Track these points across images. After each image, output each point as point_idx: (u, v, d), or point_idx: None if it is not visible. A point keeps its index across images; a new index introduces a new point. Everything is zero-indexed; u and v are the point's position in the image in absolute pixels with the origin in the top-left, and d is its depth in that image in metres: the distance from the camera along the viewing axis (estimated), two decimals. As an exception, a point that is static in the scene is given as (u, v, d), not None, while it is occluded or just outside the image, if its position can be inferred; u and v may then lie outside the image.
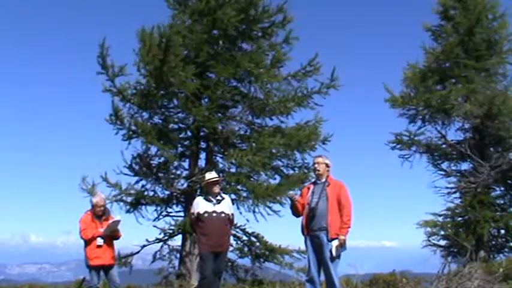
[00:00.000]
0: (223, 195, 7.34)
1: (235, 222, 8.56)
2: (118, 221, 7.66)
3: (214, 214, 7.03)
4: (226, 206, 7.19)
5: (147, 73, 11.69)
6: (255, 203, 12.18)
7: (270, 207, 12.23)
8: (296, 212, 6.69)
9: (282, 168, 13.01)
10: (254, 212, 12.33)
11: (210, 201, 7.13)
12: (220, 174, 12.43)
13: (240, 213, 12.47)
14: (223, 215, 7.08)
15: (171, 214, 12.98)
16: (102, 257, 7.52)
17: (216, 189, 7.18)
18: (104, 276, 7.74)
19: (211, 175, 7.29)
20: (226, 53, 12.74)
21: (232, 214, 7.37)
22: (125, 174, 12.57)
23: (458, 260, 13.23)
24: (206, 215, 7.03)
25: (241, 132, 13.13)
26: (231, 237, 12.95)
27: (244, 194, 12.31)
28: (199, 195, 7.72)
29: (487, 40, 15.19)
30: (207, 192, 7.30)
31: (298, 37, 13.07)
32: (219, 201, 7.13)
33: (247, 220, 12.66)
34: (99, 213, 7.62)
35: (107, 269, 7.63)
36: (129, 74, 12.04)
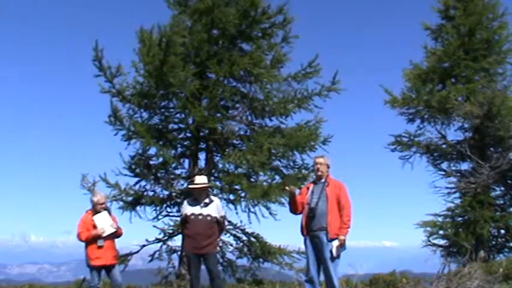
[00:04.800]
0: (213, 198, 7.43)
1: (226, 224, 8.68)
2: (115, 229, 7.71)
3: (200, 216, 7.16)
4: (213, 209, 7.26)
5: (147, 73, 11.67)
6: (250, 204, 12.17)
7: (267, 208, 12.24)
8: (293, 208, 6.68)
9: (281, 168, 12.99)
10: (251, 212, 12.33)
11: (197, 203, 7.25)
12: (212, 178, 12.49)
13: (237, 213, 12.49)
14: (209, 218, 7.17)
15: (170, 214, 12.98)
16: (103, 257, 7.53)
17: (203, 194, 7.27)
18: (105, 276, 7.75)
19: (198, 180, 7.38)
20: (226, 53, 12.72)
21: (222, 217, 7.42)
22: (124, 175, 12.57)
23: (458, 260, 13.23)
24: (192, 216, 7.18)
25: (241, 132, 13.10)
26: (231, 238, 13.07)
27: (243, 194, 12.30)
28: (187, 198, 7.83)
29: (486, 40, 15.18)
30: (194, 195, 7.40)
31: (297, 35, 13.02)
32: (206, 204, 7.23)
33: (241, 221, 12.71)
34: (99, 211, 7.65)
35: (108, 268, 7.64)
36: (127, 72, 12.03)
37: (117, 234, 7.74)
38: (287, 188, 6.70)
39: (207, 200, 7.25)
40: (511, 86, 15.06)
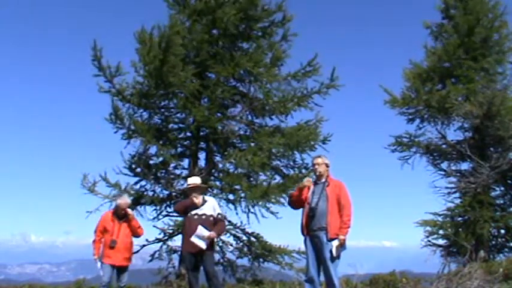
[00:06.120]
0: (207, 198, 7.56)
1: (226, 223, 8.80)
2: None
3: (195, 216, 7.27)
4: (209, 208, 7.36)
5: (147, 73, 11.67)
6: (251, 203, 12.17)
7: (267, 208, 12.23)
8: (295, 203, 6.67)
9: (281, 168, 12.99)
10: (250, 212, 12.32)
11: None
12: (212, 178, 12.47)
13: (237, 213, 12.49)
14: (204, 217, 7.27)
15: (170, 214, 12.97)
16: (112, 258, 7.74)
17: (197, 194, 7.35)
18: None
19: (190, 181, 7.57)
20: (226, 53, 12.72)
21: (219, 214, 7.49)
22: (125, 174, 12.57)
23: (458, 260, 13.21)
24: (189, 215, 7.34)
25: (241, 132, 13.10)
26: (231, 238, 13.06)
27: (243, 195, 12.29)
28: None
29: (486, 39, 15.17)
30: (188, 195, 7.52)
31: (296, 33, 13.02)
32: (201, 204, 7.35)
33: (241, 222, 12.71)
34: (120, 214, 7.90)
35: (118, 269, 7.84)
36: (126, 72, 12.01)
37: (136, 233, 8.08)
38: (305, 182, 6.65)
39: (200, 199, 7.36)
40: (510, 85, 15.03)
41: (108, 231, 7.78)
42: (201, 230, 7.11)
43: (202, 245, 7.10)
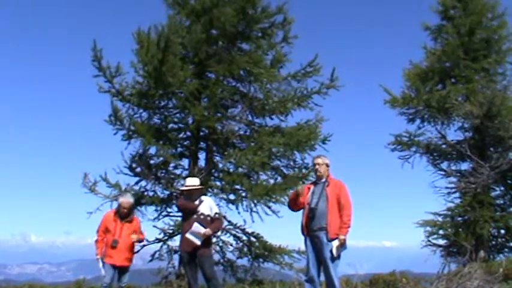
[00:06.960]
0: (204, 197, 7.55)
1: (224, 222, 8.79)
2: None
3: (194, 216, 7.26)
4: (205, 207, 7.35)
5: (146, 73, 11.67)
6: (252, 203, 12.16)
7: (269, 207, 12.23)
8: (294, 206, 6.67)
9: (281, 168, 12.99)
10: (252, 211, 12.32)
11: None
12: (212, 178, 12.44)
13: (239, 213, 12.48)
14: (202, 216, 7.26)
15: (170, 214, 12.97)
16: (114, 257, 7.75)
17: (193, 195, 7.39)
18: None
19: (188, 182, 7.56)
20: (225, 53, 12.72)
21: (217, 213, 7.48)
22: (125, 174, 12.57)
23: (458, 260, 13.22)
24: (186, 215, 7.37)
25: (241, 132, 13.10)
26: (232, 238, 13.06)
27: (244, 194, 12.29)
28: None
29: (486, 40, 15.18)
30: (185, 196, 7.55)
31: (297, 35, 13.05)
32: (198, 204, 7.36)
33: (244, 220, 12.70)
34: (123, 214, 7.88)
35: (120, 269, 7.85)
36: (126, 72, 12.02)
37: (139, 240, 8.12)
38: (298, 188, 6.67)
39: (197, 202, 7.35)
40: (511, 86, 15.05)
41: (110, 231, 7.79)
42: (196, 227, 7.11)
43: (197, 241, 7.10)
